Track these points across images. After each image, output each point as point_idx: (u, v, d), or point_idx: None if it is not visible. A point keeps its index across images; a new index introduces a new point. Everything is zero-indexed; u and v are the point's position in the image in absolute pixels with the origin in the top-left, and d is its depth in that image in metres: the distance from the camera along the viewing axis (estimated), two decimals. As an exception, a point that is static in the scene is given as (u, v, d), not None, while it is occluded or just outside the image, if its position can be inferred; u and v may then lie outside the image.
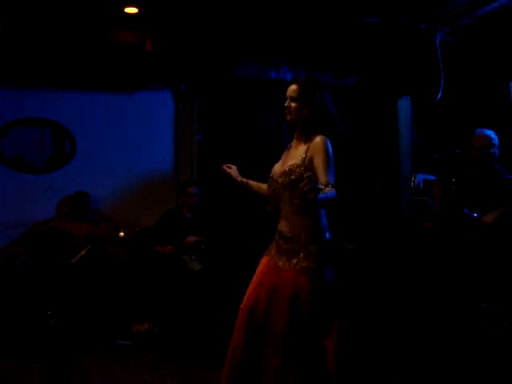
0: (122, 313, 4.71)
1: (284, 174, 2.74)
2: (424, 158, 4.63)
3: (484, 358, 3.49)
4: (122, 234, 4.96)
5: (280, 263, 2.75)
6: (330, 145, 2.68)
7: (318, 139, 2.68)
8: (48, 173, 5.56)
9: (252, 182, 3.07)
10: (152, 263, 4.98)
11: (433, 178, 4.82)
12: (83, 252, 4.59)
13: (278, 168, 2.84)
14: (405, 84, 5.61)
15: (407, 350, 3.88)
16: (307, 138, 2.75)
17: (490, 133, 4.18)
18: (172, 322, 4.65)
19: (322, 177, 2.58)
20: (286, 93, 2.84)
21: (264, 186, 2.95)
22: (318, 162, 2.64)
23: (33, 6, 4.57)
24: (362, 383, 3.53)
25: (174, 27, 5.01)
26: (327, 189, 2.51)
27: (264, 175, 2.98)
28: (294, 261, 2.70)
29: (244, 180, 3.05)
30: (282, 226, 2.79)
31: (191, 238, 4.98)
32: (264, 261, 2.85)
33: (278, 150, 3.01)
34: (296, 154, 2.77)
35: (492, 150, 4.13)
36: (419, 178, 4.85)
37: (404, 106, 5.80)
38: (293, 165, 2.72)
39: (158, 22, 4.97)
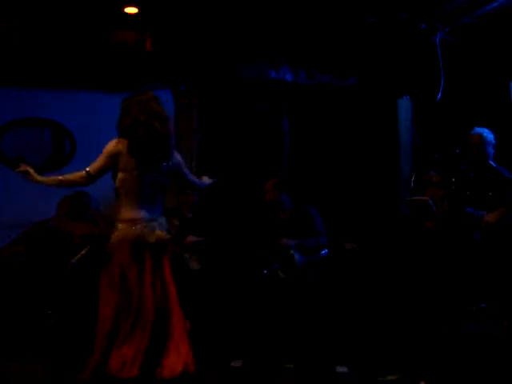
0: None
1: None
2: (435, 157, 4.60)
3: (484, 358, 3.49)
4: (121, 233, 4.95)
5: None
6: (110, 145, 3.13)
7: None
8: (48, 173, 5.54)
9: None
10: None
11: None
12: (83, 252, 4.59)
13: None
14: (405, 84, 5.62)
15: (407, 349, 3.88)
16: None
17: (482, 131, 4.17)
18: (172, 322, 4.64)
19: None
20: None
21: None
22: None
23: (33, 6, 4.58)
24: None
25: (173, 27, 5.01)
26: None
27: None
28: None
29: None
30: None
31: (191, 238, 4.98)
32: None
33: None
34: None
35: (483, 148, 4.12)
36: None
37: (404, 105, 5.81)
38: None
39: (158, 22, 4.98)
